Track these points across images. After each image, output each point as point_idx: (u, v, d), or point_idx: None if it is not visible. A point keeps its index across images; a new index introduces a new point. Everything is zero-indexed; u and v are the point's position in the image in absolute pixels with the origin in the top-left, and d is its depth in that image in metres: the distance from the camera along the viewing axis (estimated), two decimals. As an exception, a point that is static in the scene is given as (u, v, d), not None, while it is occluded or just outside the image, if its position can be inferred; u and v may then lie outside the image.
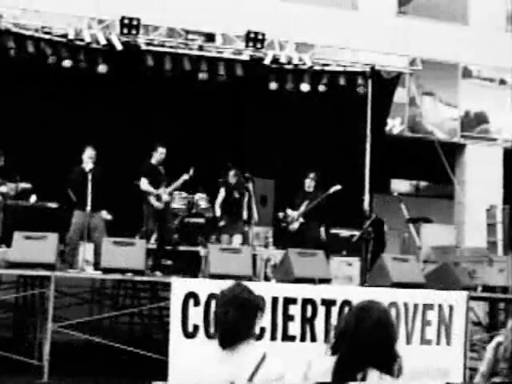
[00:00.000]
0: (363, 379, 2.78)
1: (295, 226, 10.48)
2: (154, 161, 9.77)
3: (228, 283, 3.29)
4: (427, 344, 8.26)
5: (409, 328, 8.19)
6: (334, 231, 11.40)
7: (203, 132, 11.79)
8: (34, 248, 7.85)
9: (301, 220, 10.46)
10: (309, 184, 10.61)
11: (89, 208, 8.84)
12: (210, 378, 3.09)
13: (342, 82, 11.90)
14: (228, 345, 3.14)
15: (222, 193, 10.24)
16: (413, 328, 8.21)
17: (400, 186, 17.79)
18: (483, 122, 15.84)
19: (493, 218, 13.79)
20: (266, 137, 12.16)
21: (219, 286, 8.03)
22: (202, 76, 11.33)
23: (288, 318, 7.83)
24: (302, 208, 10.48)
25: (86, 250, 9.07)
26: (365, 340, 2.81)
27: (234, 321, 3.11)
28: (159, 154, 9.76)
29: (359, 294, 8.20)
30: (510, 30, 16.27)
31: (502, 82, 15.96)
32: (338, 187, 10.39)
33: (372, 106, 11.94)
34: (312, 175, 10.62)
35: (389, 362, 2.84)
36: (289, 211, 10.58)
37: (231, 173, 10.20)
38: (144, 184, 9.64)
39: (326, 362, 2.92)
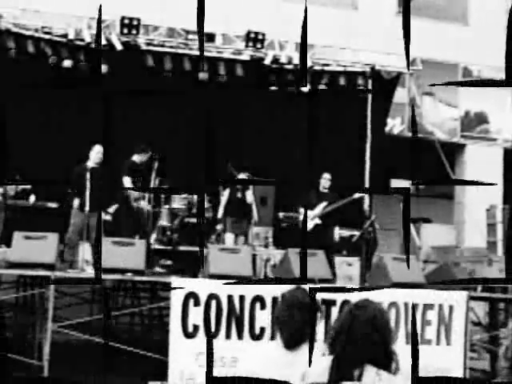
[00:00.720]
0: (360, 376, 2.80)
1: (310, 224, 10.13)
2: (137, 160, 9.74)
3: (286, 287, 3.47)
4: (427, 344, 8.26)
5: (409, 328, 8.19)
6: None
7: (202, 132, 11.77)
8: (34, 248, 7.85)
9: (316, 221, 10.17)
10: (324, 184, 10.28)
11: (88, 208, 8.84)
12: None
13: (342, 82, 11.91)
14: (293, 346, 3.29)
15: (226, 194, 10.16)
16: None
17: (400, 185, 17.79)
18: (483, 122, 15.84)
19: (493, 218, 13.80)
20: (266, 137, 12.16)
21: (219, 286, 8.08)
22: (203, 76, 11.34)
23: (288, 317, 7.83)
24: (319, 209, 10.18)
25: (85, 250, 9.07)
26: (359, 337, 2.85)
27: (298, 323, 3.28)
28: (144, 156, 9.75)
29: (359, 294, 8.20)
30: (510, 30, 16.28)
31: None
32: (362, 194, 10.23)
33: (372, 106, 11.95)
34: (327, 176, 10.32)
35: (385, 360, 2.87)
36: (302, 210, 10.33)
37: (240, 176, 10.10)
38: (127, 182, 9.60)
39: (323, 362, 2.94)
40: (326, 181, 10.31)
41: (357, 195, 10.25)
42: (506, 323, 9.83)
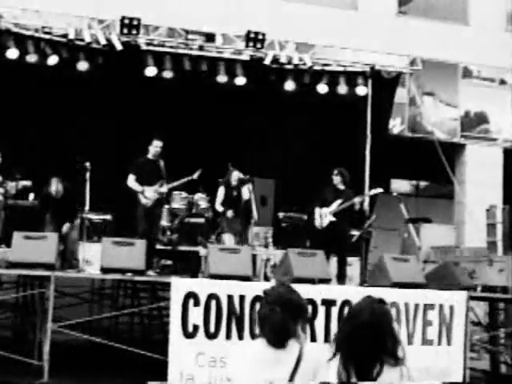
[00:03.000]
0: (379, 374, 2.84)
1: (325, 222, 9.81)
2: (150, 155, 9.50)
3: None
4: (429, 344, 8.24)
5: (410, 328, 8.19)
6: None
7: (203, 132, 11.78)
8: (34, 248, 7.84)
9: (331, 218, 9.81)
10: (336, 181, 9.95)
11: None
12: (251, 377, 3.16)
13: (342, 81, 11.91)
14: (277, 344, 3.20)
15: (221, 191, 10.10)
16: (414, 328, 8.20)
17: (400, 185, 17.79)
18: (483, 122, 15.84)
19: (493, 218, 13.78)
20: (266, 137, 12.16)
21: (219, 286, 8.06)
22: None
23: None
24: (334, 206, 9.83)
25: (85, 250, 9.07)
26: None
27: (280, 321, 3.19)
28: (154, 148, 9.40)
29: (359, 294, 8.20)
30: (510, 29, 16.27)
31: (502, 82, 15.96)
32: (379, 190, 10.05)
33: (372, 105, 11.95)
34: (335, 171, 10.01)
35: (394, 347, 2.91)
36: (317, 209, 9.92)
37: (234, 173, 10.03)
38: (129, 181, 9.35)
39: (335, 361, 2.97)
40: (335, 176, 9.98)
41: (372, 192, 10.17)
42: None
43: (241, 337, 7.54)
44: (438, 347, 8.28)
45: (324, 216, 9.84)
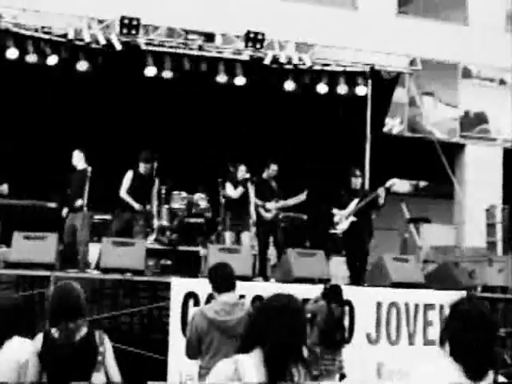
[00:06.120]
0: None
1: (344, 225, 9.65)
2: (265, 176, 10.01)
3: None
4: (431, 344, 8.23)
5: (411, 328, 8.18)
6: (333, 231, 11.37)
7: (202, 132, 11.78)
8: (34, 248, 7.84)
9: (352, 219, 9.60)
10: (355, 182, 9.77)
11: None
12: None
13: (341, 81, 11.91)
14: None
15: (229, 186, 9.87)
16: (415, 328, 8.20)
17: (400, 185, 17.77)
18: (483, 122, 15.84)
19: (492, 218, 13.80)
20: (266, 136, 12.15)
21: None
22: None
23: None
24: (352, 206, 9.63)
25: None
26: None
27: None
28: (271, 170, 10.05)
29: (359, 294, 8.20)
30: (509, 29, 16.27)
31: (502, 82, 15.97)
32: (394, 181, 9.73)
33: (372, 106, 11.95)
34: (357, 173, 9.91)
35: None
36: (335, 210, 9.72)
37: (242, 167, 9.89)
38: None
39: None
40: (356, 178, 9.83)
41: (388, 184, 10.07)
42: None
43: (241, 337, 7.52)
44: (439, 347, 8.26)
45: (344, 218, 9.71)
